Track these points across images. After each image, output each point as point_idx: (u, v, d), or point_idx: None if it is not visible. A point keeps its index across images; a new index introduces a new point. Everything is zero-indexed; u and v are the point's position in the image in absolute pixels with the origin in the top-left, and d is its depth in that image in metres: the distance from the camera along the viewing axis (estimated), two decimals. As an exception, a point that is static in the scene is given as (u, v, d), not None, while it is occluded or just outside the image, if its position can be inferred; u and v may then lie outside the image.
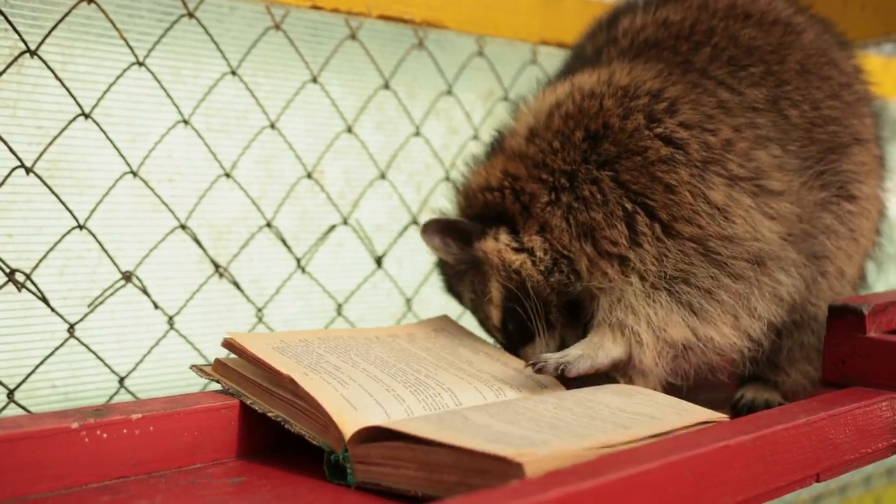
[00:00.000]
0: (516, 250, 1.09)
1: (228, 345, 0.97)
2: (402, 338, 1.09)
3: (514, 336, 1.11)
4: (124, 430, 0.86)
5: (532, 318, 1.08)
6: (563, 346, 1.08)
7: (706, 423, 0.90)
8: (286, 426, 0.91)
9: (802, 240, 1.07)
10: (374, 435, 0.83)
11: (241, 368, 0.96)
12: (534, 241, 1.08)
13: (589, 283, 1.06)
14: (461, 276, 1.17)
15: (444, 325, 1.18)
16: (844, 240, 1.14)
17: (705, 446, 0.79)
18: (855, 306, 1.04)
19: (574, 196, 1.07)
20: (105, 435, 0.85)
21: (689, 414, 0.91)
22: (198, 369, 1.00)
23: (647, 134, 1.05)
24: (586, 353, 1.02)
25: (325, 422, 0.86)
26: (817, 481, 0.90)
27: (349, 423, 0.85)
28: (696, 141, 1.04)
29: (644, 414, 0.89)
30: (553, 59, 1.69)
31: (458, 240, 1.14)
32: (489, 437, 0.79)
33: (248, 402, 0.94)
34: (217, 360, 0.99)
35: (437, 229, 1.15)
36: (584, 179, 1.06)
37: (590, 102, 1.09)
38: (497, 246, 1.10)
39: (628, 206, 1.04)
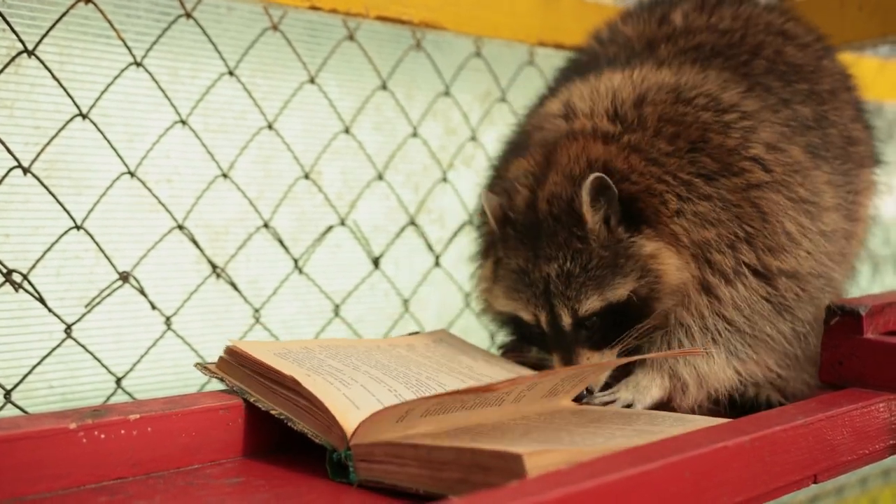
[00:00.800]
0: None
1: (230, 352, 0.97)
2: (402, 347, 1.08)
3: (579, 333, 1.04)
4: (122, 431, 0.86)
5: (621, 329, 1.04)
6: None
7: None
8: (289, 424, 0.91)
9: (838, 245, 1.10)
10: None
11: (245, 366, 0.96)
12: (667, 251, 1.02)
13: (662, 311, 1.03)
14: (572, 247, 1.04)
15: (444, 337, 1.16)
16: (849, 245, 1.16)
17: (704, 447, 0.79)
18: (852, 307, 1.04)
19: (692, 210, 1.02)
20: (103, 435, 0.85)
21: (693, 424, 0.91)
22: (202, 367, 1.00)
23: (743, 154, 1.04)
24: (636, 399, 1.04)
25: (328, 420, 0.87)
26: (815, 482, 0.90)
27: (352, 422, 0.85)
28: (777, 164, 1.05)
29: (649, 431, 0.88)
30: (551, 60, 1.69)
31: (624, 219, 1.04)
32: (498, 439, 0.79)
33: (252, 399, 0.94)
34: (221, 358, 0.99)
35: (607, 195, 1.02)
36: (698, 193, 1.03)
37: (683, 109, 1.07)
38: (656, 250, 1.02)
39: (739, 230, 1.02)
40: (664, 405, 1.06)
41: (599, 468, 0.71)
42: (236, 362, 0.96)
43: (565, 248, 1.03)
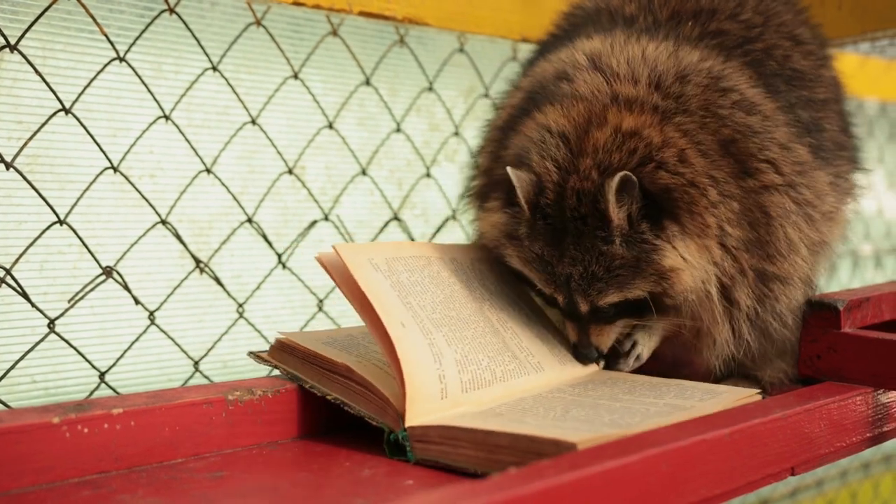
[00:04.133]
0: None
1: (282, 344, 1.01)
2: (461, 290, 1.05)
3: (593, 314, 1.05)
4: (105, 425, 0.87)
5: (633, 311, 1.05)
6: None
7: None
8: (345, 408, 0.95)
9: (826, 256, 1.12)
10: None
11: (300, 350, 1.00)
12: (693, 254, 1.01)
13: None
14: (591, 244, 1.01)
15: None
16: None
17: (683, 440, 0.80)
18: (830, 302, 1.06)
19: (728, 207, 1.02)
20: (86, 430, 0.85)
21: (722, 396, 0.95)
22: (256, 356, 1.04)
23: (760, 157, 1.05)
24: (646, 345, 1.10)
25: (383, 404, 0.91)
26: (792, 474, 0.91)
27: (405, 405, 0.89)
28: (787, 163, 1.06)
29: (681, 406, 0.92)
30: (534, 57, 1.70)
31: (648, 220, 1.01)
32: (543, 426, 0.84)
33: (308, 385, 0.99)
34: (273, 347, 1.03)
35: (632, 191, 0.99)
36: (730, 192, 1.02)
37: (721, 101, 1.05)
38: (675, 263, 1.01)
39: (750, 234, 1.03)
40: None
41: (577, 462, 0.72)
42: (288, 353, 1.01)
43: (591, 251, 1.01)
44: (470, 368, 0.94)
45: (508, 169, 1.03)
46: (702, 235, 1.01)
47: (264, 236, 1.36)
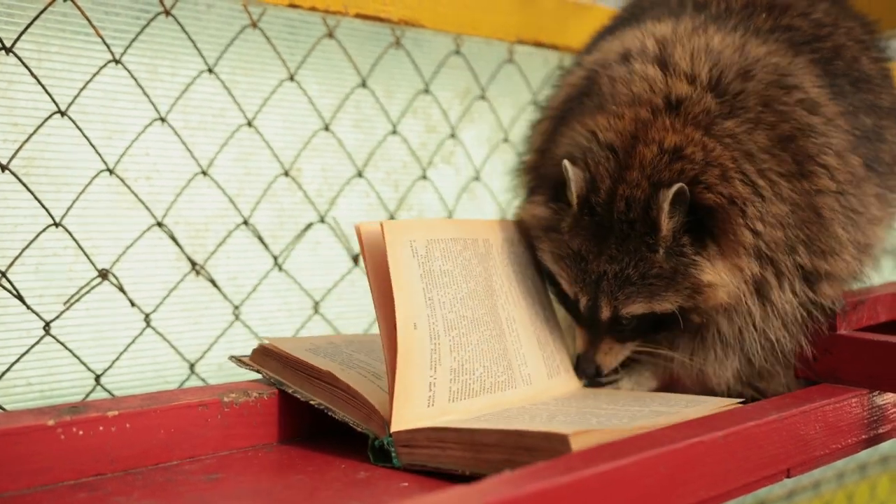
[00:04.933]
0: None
1: (265, 350, 1.01)
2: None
3: (612, 325, 1.06)
4: (100, 428, 0.87)
5: (653, 330, 1.06)
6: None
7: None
8: (329, 413, 0.95)
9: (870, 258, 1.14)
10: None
11: (282, 356, 0.99)
12: (727, 273, 1.01)
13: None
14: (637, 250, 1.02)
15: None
16: None
17: (679, 442, 0.80)
18: (827, 304, 1.06)
19: (771, 211, 1.02)
20: (81, 432, 0.85)
21: (705, 405, 0.95)
22: (237, 360, 1.03)
23: (817, 160, 1.04)
24: (634, 389, 1.09)
25: (368, 410, 0.91)
26: (788, 476, 0.91)
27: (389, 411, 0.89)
28: (842, 173, 1.06)
29: (666, 412, 0.92)
30: (530, 58, 1.70)
31: (690, 235, 1.01)
32: (531, 425, 0.84)
33: (290, 390, 0.97)
34: (255, 351, 1.02)
35: (683, 205, 1.00)
36: (780, 194, 1.02)
37: (784, 97, 1.05)
38: (714, 280, 1.01)
39: (800, 233, 1.03)
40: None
41: (573, 464, 0.72)
42: (271, 358, 1.00)
43: (633, 253, 1.01)
44: (462, 378, 0.94)
45: (565, 162, 1.03)
46: (736, 255, 1.01)
47: (260, 238, 1.36)
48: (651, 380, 1.11)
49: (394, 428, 0.88)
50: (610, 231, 1.02)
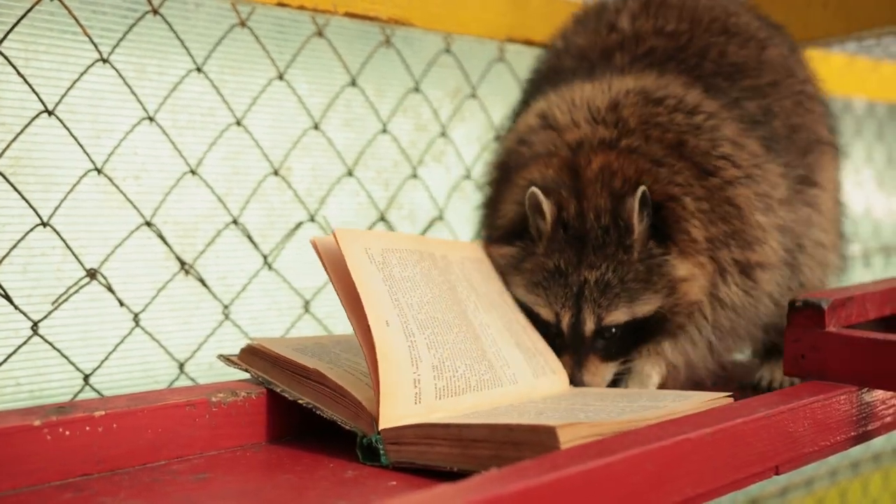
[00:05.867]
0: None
1: (252, 350, 1.01)
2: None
3: (596, 341, 1.09)
4: (87, 428, 0.86)
5: (636, 342, 1.10)
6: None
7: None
8: (317, 412, 0.94)
9: (791, 238, 1.16)
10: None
11: (271, 355, 0.99)
12: (693, 270, 1.07)
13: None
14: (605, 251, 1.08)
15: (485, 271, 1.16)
16: (816, 216, 1.21)
17: (666, 439, 0.79)
18: (814, 301, 1.06)
19: (700, 208, 1.07)
20: (68, 432, 0.85)
21: (693, 399, 0.95)
22: (225, 359, 1.03)
23: (714, 154, 1.10)
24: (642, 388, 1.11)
25: (356, 408, 0.90)
26: (776, 474, 0.91)
27: (377, 409, 0.89)
28: (743, 158, 1.10)
29: (654, 406, 0.93)
30: (520, 57, 1.70)
31: (654, 239, 1.08)
32: (520, 418, 0.85)
33: (279, 389, 0.97)
34: (243, 350, 1.02)
35: (647, 209, 1.07)
36: (697, 193, 1.08)
37: (655, 109, 1.12)
38: (688, 273, 1.07)
39: (726, 227, 1.08)
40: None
41: (559, 461, 0.72)
42: (259, 357, 1.00)
43: (611, 259, 1.07)
44: (446, 375, 0.94)
45: (535, 190, 1.09)
46: (696, 252, 1.07)
47: (250, 237, 1.36)
48: (654, 376, 1.12)
49: (381, 425, 0.88)
50: (586, 241, 1.08)
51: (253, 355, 1.01)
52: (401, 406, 0.89)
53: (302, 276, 1.45)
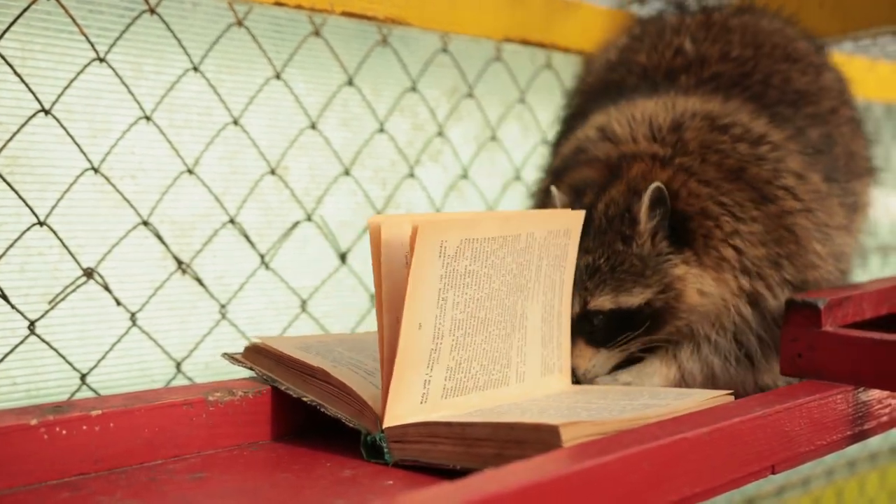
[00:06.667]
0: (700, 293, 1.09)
1: (256, 347, 1.01)
2: None
3: (583, 325, 1.10)
4: (84, 427, 0.86)
5: (625, 333, 1.09)
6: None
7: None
8: (322, 410, 0.95)
9: (845, 262, 1.21)
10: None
11: (275, 354, 1.00)
12: (711, 285, 1.08)
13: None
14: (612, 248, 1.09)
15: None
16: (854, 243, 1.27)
17: (664, 438, 0.80)
18: (811, 301, 1.06)
19: (747, 230, 1.09)
20: (64, 431, 0.85)
21: (694, 397, 0.96)
22: (230, 357, 1.04)
23: (776, 184, 1.11)
24: (634, 382, 1.11)
25: (360, 406, 0.91)
26: (773, 473, 0.91)
27: (381, 407, 0.89)
28: (805, 192, 1.12)
29: (655, 405, 0.93)
30: (517, 57, 1.70)
31: (669, 240, 1.09)
32: (522, 416, 0.86)
33: (283, 387, 0.98)
34: (248, 348, 1.03)
35: (662, 209, 1.08)
36: (750, 215, 1.09)
37: (720, 137, 1.13)
38: (685, 273, 1.08)
39: (780, 250, 1.09)
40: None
41: (555, 462, 0.72)
42: (263, 355, 1.01)
43: (606, 246, 1.09)
44: (457, 376, 0.93)
45: (552, 187, 1.12)
46: (718, 269, 1.08)
47: (247, 237, 1.36)
48: (654, 377, 1.12)
49: (386, 424, 0.88)
50: (588, 227, 1.08)
51: (257, 353, 1.02)
52: (406, 405, 0.89)
53: (299, 275, 1.45)
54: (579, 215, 1.04)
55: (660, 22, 1.37)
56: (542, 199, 1.27)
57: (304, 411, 1.00)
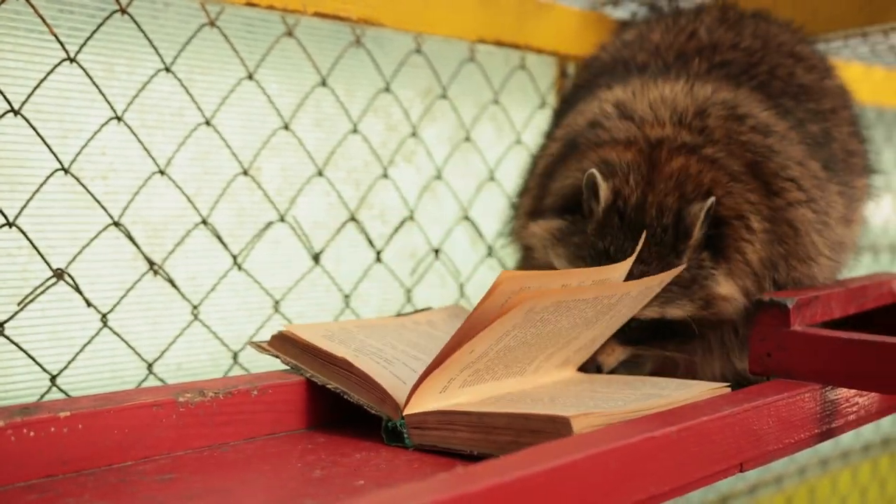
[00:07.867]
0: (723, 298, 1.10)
1: (282, 335, 1.05)
2: (424, 324, 1.16)
3: (629, 333, 1.11)
4: (52, 429, 0.86)
5: (656, 336, 1.12)
6: None
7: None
8: (345, 397, 1.00)
9: (843, 253, 1.23)
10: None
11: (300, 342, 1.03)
12: (734, 289, 1.10)
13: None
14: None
15: (458, 312, 1.23)
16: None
17: (631, 437, 0.80)
18: (780, 300, 1.07)
19: (765, 228, 1.10)
20: (32, 433, 0.85)
21: (694, 389, 0.99)
22: (257, 346, 1.06)
23: (783, 176, 1.13)
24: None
25: (381, 394, 0.96)
26: (741, 471, 0.92)
27: (401, 395, 0.95)
28: (807, 180, 1.14)
29: (657, 395, 0.97)
30: (490, 57, 1.70)
31: (709, 250, 1.10)
32: (536, 408, 0.89)
33: (308, 375, 1.02)
34: (275, 337, 1.06)
35: (708, 220, 1.09)
36: (765, 214, 1.11)
37: (739, 128, 1.14)
38: (729, 293, 1.10)
39: (781, 248, 1.11)
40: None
41: (523, 460, 0.72)
42: (289, 344, 1.04)
43: (662, 258, 1.08)
44: (480, 373, 0.96)
45: (594, 171, 1.10)
46: (744, 275, 1.10)
47: (219, 238, 1.35)
48: (644, 367, 1.17)
49: (406, 411, 0.93)
50: (640, 228, 1.08)
51: (284, 342, 1.05)
52: (427, 395, 0.93)
53: (272, 276, 1.45)
54: (674, 272, 1.04)
55: (679, 9, 1.40)
56: (548, 167, 1.25)
57: (274, 412, 1.00)
